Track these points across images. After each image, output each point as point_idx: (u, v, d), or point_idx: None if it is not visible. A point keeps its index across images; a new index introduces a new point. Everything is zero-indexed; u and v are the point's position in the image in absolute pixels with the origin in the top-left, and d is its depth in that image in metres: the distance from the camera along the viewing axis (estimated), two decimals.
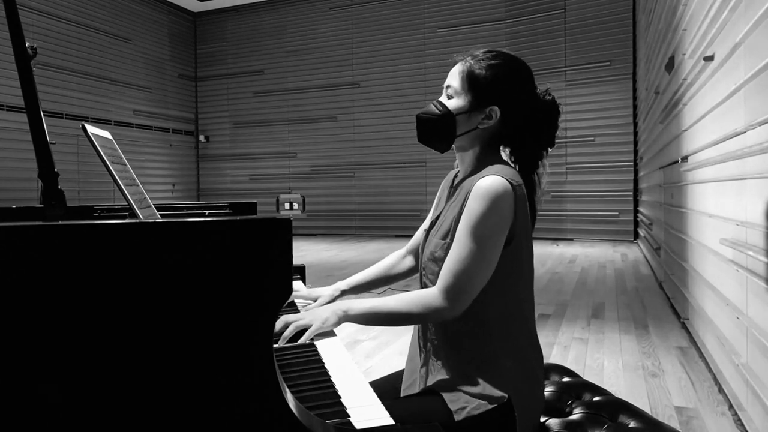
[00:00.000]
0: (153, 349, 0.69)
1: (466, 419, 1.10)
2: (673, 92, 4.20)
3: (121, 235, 0.68)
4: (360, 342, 3.42)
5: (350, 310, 1.14)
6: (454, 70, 1.23)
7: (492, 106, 1.18)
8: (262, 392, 0.72)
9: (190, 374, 0.70)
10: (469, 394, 1.12)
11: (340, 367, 1.00)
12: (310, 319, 1.13)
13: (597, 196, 9.62)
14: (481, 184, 1.11)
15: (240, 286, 0.72)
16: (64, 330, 0.67)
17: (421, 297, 1.14)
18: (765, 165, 1.87)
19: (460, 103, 1.19)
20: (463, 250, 1.10)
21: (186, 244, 0.70)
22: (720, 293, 2.58)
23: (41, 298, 0.66)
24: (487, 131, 1.20)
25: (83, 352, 0.67)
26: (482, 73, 1.18)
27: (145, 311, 0.69)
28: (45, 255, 0.66)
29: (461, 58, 1.24)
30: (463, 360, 1.17)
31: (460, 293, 1.11)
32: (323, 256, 8.10)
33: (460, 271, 1.10)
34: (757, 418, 1.93)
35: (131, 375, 0.69)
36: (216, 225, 0.72)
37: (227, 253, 0.71)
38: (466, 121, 1.19)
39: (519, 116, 1.20)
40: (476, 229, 1.10)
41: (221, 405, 0.71)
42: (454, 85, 1.21)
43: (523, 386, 1.15)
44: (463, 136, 1.20)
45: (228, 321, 0.71)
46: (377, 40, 11.39)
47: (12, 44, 1.02)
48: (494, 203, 1.09)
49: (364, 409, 0.84)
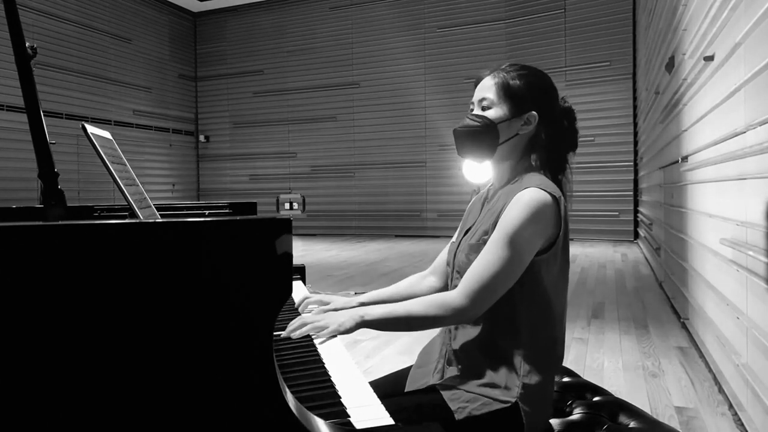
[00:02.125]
0: (153, 349, 0.69)
1: (468, 419, 1.10)
2: (673, 92, 4.20)
3: (122, 235, 0.68)
4: (360, 342, 3.42)
5: (367, 315, 1.15)
6: (485, 84, 1.28)
7: (530, 112, 1.24)
8: (262, 392, 0.72)
9: (190, 374, 0.70)
10: (476, 395, 1.14)
11: (340, 367, 1.00)
12: (327, 321, 1.14)
13: (597, 196, 9.61)
14: (524, 194, 1.15)
15: (240, 286, 0.72)
16: (63, 330, 0.67)
17: (440, 298, 1.16)
18: (765, 165, 1.87)
19: (499, 112, 1.24)
20: (493, 255, 1.13)
21: (186, 244, 0.70)
22: (720, 293, 2.58)
23: (41, 298, 0.66)
24: (525, 138, 1.26)
25: (83, 352, 0.67)
26: (517, 83, 1.24)
27: (146, 311, 0.69)
28: (45, 255, 0.66)
29: (488, 73, 1.29)
30: (482, 362, 1.18)
31: (481, 296, 1.12)
32: (323, 256, 8.10)
33: (485, 275, 1.12)
34: (757, 418, 1.93)
35: (131, 375, 0.69)
36: (216, 225, 0.72)
37: (227, 253, 0.71)
38: (506, 128, 1.24)
39: (553, 120, 1.26)
40: (510, 236, 1.12)
41: (221, 405, 0.71)
42: (490, 97, 1.25)
43: (536, 395, 1.16)
44: (504, 143, 1.25)
45: (228, 321, 0.71)
46: (377, 40, 11.39)
47: (12, 44, 1.02)
48: (534, 214, 1.13)
49: (364, 409, 0.84)
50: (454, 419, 1.11)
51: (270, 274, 0.73)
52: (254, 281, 0.72)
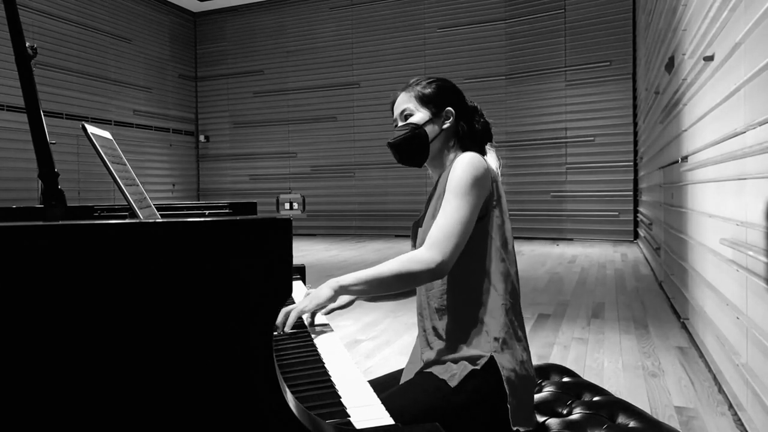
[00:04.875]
0: (153, 349, 0.69)
1: (461, 382, 1.18)
2: (673, 92, 4.20)
3: (122, 235, 0.68)
4: (360, 342, 3.42)
5: (342, 280, 1.20)
6: (401, 100, 1.42)
7: (447, 108, 1.39)
8: (262, 392, 0.72)
9: (190, 374, 0.70)
10: (455, 361, 1.22)
11: (340, 366, 1.00)
12: (308, 301, 1.19)
13: (597, 196, 9.62)
14: (462, 157, 1.27)
15: (240, 286, 0.72)
16: (64, 331, 0.67)
17: (410, 255, 1.22)
18: (765, 165, 1.87)
19: (422, 116, 1.38)
20: (449, 206, 1.22)
21: (186, 244, 0.70)
22: (720, 293, 2.58)
23: (41, 298, 0.66)
24: (449, 131, 1.40)
25: (83, 353, 0.67)
26: (428, 90, 1.40)
27: (145, 311, 0.69)
28: (45, 255, 0.66)
29: (401, 91, 1.43)
30: (452, 331, 1.27)
31: (446, 244, 1.19)
32: (323, 256, 8.10)
33: (446, 225, 1.21)
34: (757, 418, 1.94)
35: (131, 375, 0.69)
36: (216, 225, 0.72)
37: (227, 253, 0.71)
38: (431, 127, 1.38)
39: (466, 113, 1.42)
40: (459, 187, 1.23)
41: (221, 405, 0.71)
42: (410, 107, 1.40)
43: (506, 344, 1.23)
44: (434, 140, 1.38)
45: (228, 321, 0.71)
46: (377, 40, 11.39)
47: (12, 44, 1.02)
48: (474, 168, 1.24)
49: (364, 409, 0.84)
50: (451, 389, 1.18)
51: (270, 274, 0.73)
52: (254, 281, 0.72)
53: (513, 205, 10.17)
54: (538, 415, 1.29)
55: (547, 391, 1.40)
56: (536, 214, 10.04)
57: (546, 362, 1.66)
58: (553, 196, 9.91)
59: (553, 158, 9.93)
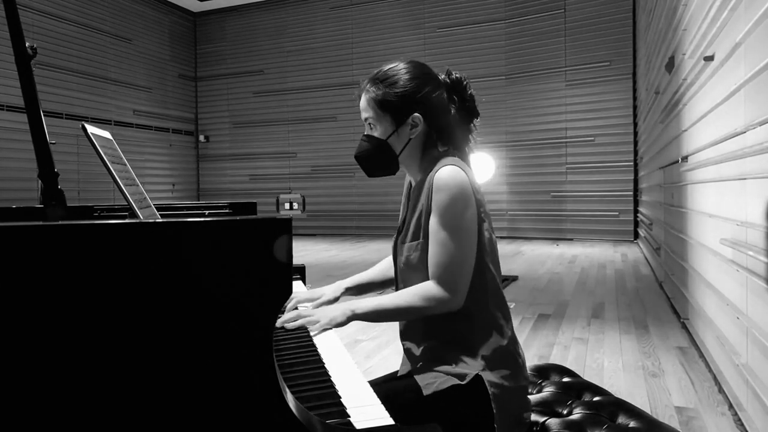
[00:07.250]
0: (153, 349, 0.69)
1: (435, 393, 1.16)
2: (673, 92, 4.20)
3: (122, 235, 0.68)
4: (360, 342, 3.42)
5: (357, 309, 1.20)
6: (362, 105, 1.30)
7: (412, 115, 1.26)
8: (262, 392, 0.72)
9: (190, 374, 0.70)
10: (439, 372, 1.20)
11: (340, 367, 1.00)
12: (320, 315, 1.19)
13: (597, 196, 9.61)
14: (440, 176, 1.19)
15: (240, 286, 0.72)
16: (64, 331, 0.67)
17: (424, 291, 1.20)
18: (765, 165, 1.87)
19: (385, 127, 1.27)
20: (446, 242, 1.18)
21: (186, 244, 0.70)
22: (720, 293, 2.58)
23: (41, 298, 0.66)
24: (419, 138, 1.29)
25: (83, 353, 0.67)
26: (388, 94, 1.25)
27: (145, 311, 0.69)
28: (45, 255, 0.66)
29: (361, 90, 1.30)
30: (440, 343, 1.25)
31: (456, 282, 1.18)
32: (323, 256, 8.10)
33: (449, 262, 1.18)
34: (757, 418, 1.93)
35: (131, 375, 0.69)
36: (216, 225, 0.72)
37: (227, 253, 0.71)
38: (397, 139, 1.27)
39: (437, 108, 1.28)
40: (451, 220, 1.18)
41: (221, 405, 0.71)
42: (371, 115, 1.28)
43: (497, 363, 1.21)
44: (402, 153, 1.29)
45: (228, 321, 0.71)
46: (377, 40, 11.39)
47: (12, 44, 1.01)
48: (459, 191, 1.18)
49: (364, 409, 0.84)
50: (422, 395, 1.17)
51: (270, 274, 0.73)
52: (254, 281, 0.72)
53: (513, 205, 10.18)
54: (538, 415, 1.28)
55: (547, 391, 1.40)
56: (536, 214, 10.04)
57: (546, 362, 1.66)
58: (553, 196, 9.91)
59: (553, 158, 9.93)
